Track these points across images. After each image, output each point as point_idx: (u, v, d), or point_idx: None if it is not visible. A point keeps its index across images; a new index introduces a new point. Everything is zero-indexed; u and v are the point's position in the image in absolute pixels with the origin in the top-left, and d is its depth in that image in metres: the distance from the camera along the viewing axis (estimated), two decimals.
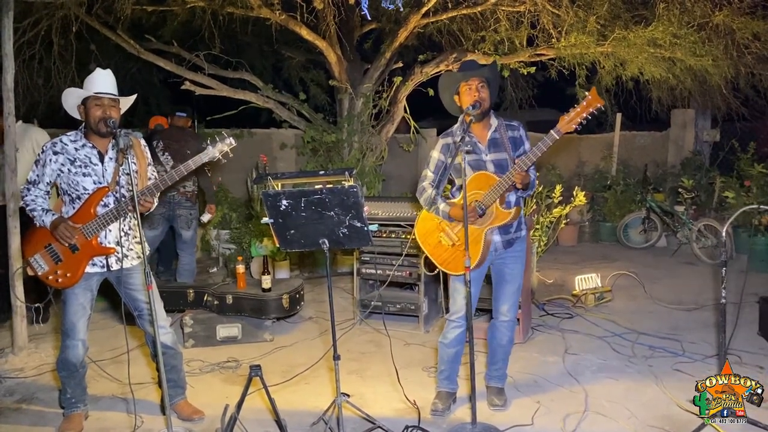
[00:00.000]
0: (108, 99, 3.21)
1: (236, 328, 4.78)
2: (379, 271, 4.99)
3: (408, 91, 7.67)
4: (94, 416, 3.57)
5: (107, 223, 3.21)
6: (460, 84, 3.37)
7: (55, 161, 3.21)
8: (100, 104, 3.19)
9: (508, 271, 3.50)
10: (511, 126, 3.47)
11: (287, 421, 3.25)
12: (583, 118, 3.16)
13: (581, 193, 6.19)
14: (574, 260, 7.48)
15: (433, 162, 3.48)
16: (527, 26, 7.16)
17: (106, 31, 7.27)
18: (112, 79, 3.27)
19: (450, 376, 3.64)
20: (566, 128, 3.17)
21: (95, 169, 3.24)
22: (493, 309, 3.60)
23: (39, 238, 3.24)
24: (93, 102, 3.19)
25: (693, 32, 6.53)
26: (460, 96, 3.39)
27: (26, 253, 3.27)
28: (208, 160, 3.22)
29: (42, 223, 3.20)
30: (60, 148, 3.22)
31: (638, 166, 9.41)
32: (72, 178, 3.20)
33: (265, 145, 9.43)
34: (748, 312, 4.77)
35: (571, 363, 4.24)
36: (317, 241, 3.06)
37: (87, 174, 3.22)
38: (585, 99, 3.15)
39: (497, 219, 3.33)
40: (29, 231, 3.32)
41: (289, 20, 7.06)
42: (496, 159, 3.37)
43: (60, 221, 3.16)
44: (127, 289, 3.37)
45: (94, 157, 3.25)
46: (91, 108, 3.20)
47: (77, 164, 3.21)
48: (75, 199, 3.23)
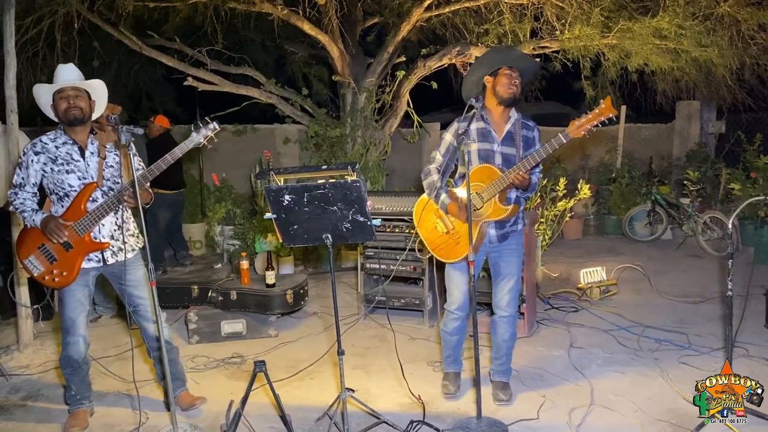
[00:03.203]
0: (71, 89, 3.20)
1: (241, 323, 4.78)
2: (383, 266, 4.98)
3: (411, 85, 7.64)
4: (99, 413, 3.58)
5: (99, 219, 3.20)
6: (502, 67, 3.30)
7: (37, 161, 3.20)
8: (65, 96, 3.19)
9: (504, 265, 3.49)
10: (527, 125, 3.43)
11: (292, 416, 3.25)
12: (593, 125, 3.11)
13: (586, 186, 6.17)
14: (579, 254, 7.45)
15: (444, 145, 3.42)
16: (531, 18, 7.12)
17: (108, 27, 7.27)
18: (75, 70, 3.28)
19: (456, 359, 3.74)
20: (575, 134, 3.14)
21: (77, 165, 3.23)
22: (493, 304, 3.60)
23: (32, 239, 3.23)
24: (58, 96, 3.21)
25: (698, 23, 6.48)
26: (496, 78, 3.31)
27: (21, 256, 3.26)
28: (193, 147, 3.24)
29: (33, 223, 3.19)
30: (40, 148, 3.21)
31: (643, 159, 9.35)
32: (56, 176, 3.20)
33: (269, 141, 9.43)
34: (754, 304, 4.74)
35: (576, 357, 4.22)
36: (320, 236, 3.05)
37: (70, 171, 3.21)
38: (598, 107, 3.10)
39: (493, 214, 3.32)
40: (22, 233, 3.31)
41: (291, 15, 7.04)
42: (506, 153, 3.35)
43: (50, 219, 3.14)
44: (121, 285, 3.37)
45: (75, 153, 3.24)
46: (57, 102, 3.21)
47: (59, 162, 3.21)
48: (63, 198, 3.22)
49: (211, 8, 7.05)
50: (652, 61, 6.98)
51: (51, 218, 3.15)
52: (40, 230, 3.17)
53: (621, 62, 7.29)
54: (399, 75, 7.52)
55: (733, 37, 6.80)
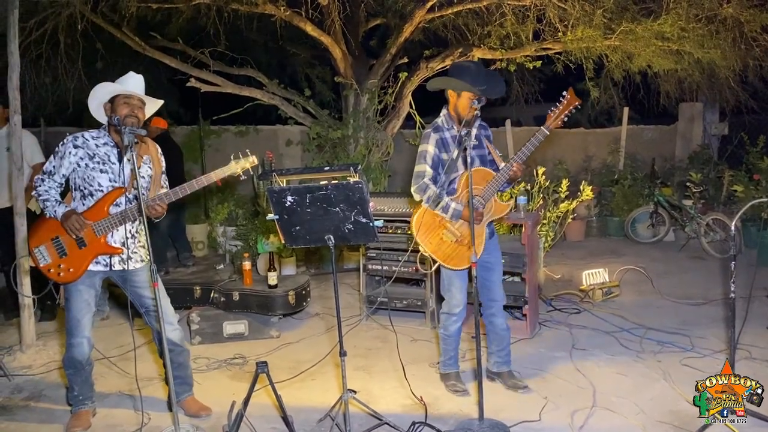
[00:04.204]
0: (137, 99, 3.24)
1: (243, 324, 4.78)
2: (385, 267, 4.98)
3: (413, 86, 7.65)
4: (102, 413, 3.59)
5: (118, 224, 3.22)
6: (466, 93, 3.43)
7: (74, 154, 3.22)
8: (129, 103, 3.22)
9: (493, 260, 3.67)
10: (483, 125, 3.64)
11: (294, 417, 3.25)
12: (565, 116, 3.33)
13: (588, 188, 6.16)
14: (582, 255, 7.44)
15: (430, 157, 3.50)
16: (533, 20, 7.12)
17: (111, 29, 7.29)
18: (143, 83, 3.32)
19: (456, 359, 3.85)
20: (554, 125, 3.34)
21: (112, 167, 3.25)
22: (486, 299, 3.70)
23: (46, 230, 3.24)
24: (122, 99, 3.21)
25: (702, 26, 6.47)
26: (459, 98, 3.48)
27: (31, 244, 3.28)
28: (229, 175, 3.29)
29: (54, 213, 3.20)
30: (81, 143, 3.23)
31: (646, 161, 9.33)
32: (88, 173, 3.21)
33: (271, 142, 9.44)
34: (757, 306, 4.74)
35: (578, 358, 4.22)
36: (323, 237, 3.06)
37: (104, 171, 3.23)
38: (565, 99, 3.32)
39: (496, 212, 3.49)
40: (37, 222, 3.33)
41: (293, 16, 7.05)
42: (480, 154, 3.55)
43: (72, 212, 3.16)
44: (132, 287, 3.39)
45: (113, 155, 3.26)
46: (119, 105, 3.21)
47: (96, 160, 3.23)
48: (87, 196, 3.24)
49: (213, 9, 7.06)
50: (654, 63, 6.98)
51: (74, 212, 3.17)
52: (59, 222, 3.18)
53: (624, 64, 7.28)
54: (401, 76, 7.53)
55: (736, 38, 6.79)
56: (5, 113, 4.83)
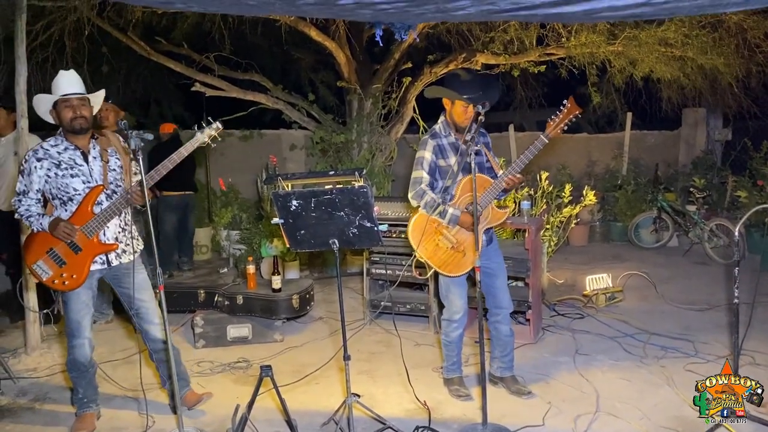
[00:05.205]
0: (76, 99, 3.22)
1: (246, 328, 4.79)
2: (389, 271, 4.99)
3: (417, 91, 7.67)
4: (107, 416, 3.60)
5: (106, 221, 3.24)
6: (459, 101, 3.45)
7: (40, 167, 3.22)
8: (69, 105, 3.21)
9: (495, 266, 3.66)
10: (482, 132, 3.62)
11: (298, 421, 3.26)
12: (565, 124, 3.33)
13: (591, 193, 6.17)
14: (585, 260, 7.44)
15: (427, 163, 3.53)
16: (537, 26, 7.13)
17: (117, 33, 7.33)
18: (77, 78, 3.28)
19: (459, 364, 3.87)
20: (554, 134, 3.34)
21: (81, 169, 3.26)
22: (492, 306, 3.70)
23: (39, 244, 3.24)
24: (62, 104, 3.21)
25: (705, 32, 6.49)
26: (453, 106, 3.51)
27: (28, 261, 3.27)
28: (198, 146, 3.32)
29: (40, 227, 3.20)
30: (42, 154, 3.24)
31: (649, 166, 9.34)
32: (60, 181, 3.22)
33: (275, 146, 9.46)
34: (761, 312, 4.73)
35: (582, 363, 4.22)
36: (327, 242, 3.07)
37: (75, 175, 3.24)
38: (566, 107, 3.31)
39: (493, 219, 3.50)
40: (28, 238, 3.32)
41: (298, 21, 7.08)
42: (478, 161, 3.50)
43: (58, 221, 3.17)
44: (122, 288, 3.41)
45: (78, 158, 3.27)
46: (61, 111, 3.21)
47: (63, 167, 3.23)
48: (66, 202, 3.24)
49: (218, 14, 7.10)
50: (657, 70, 6.99)
51: (59, 220, 3.18)
52: (48, 233, 3.19)
53: (627, 70, 7.30)
54: (405, 81, 7.55)
55: (739, 45, 6.81)
56: (12, 118, 4.87)
